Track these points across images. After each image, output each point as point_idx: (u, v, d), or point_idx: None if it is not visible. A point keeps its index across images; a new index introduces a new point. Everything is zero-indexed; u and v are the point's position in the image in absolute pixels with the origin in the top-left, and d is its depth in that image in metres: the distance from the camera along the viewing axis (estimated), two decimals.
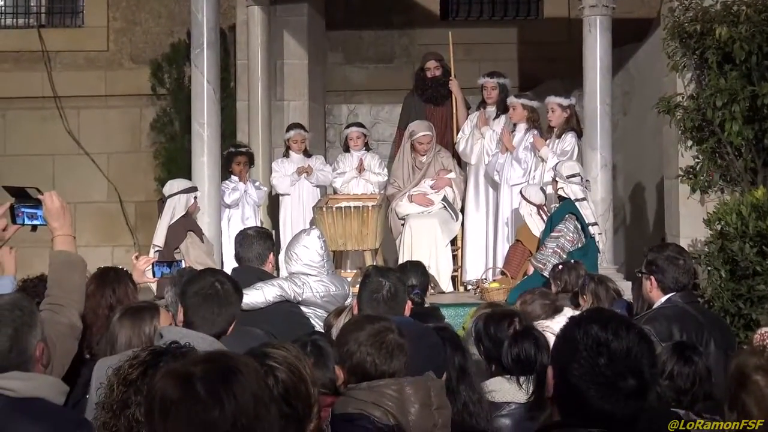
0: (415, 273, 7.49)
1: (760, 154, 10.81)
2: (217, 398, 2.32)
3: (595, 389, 2.82)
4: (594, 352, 2.84)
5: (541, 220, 10.67)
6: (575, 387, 2.84)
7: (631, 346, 2.85)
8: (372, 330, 3.84)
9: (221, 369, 2.38)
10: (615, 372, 2.82)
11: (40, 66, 15.10)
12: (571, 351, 2.87)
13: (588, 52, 11.33)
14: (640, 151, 13.49)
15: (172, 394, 2.35)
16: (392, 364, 3.80)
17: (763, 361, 3.67)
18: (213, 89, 11.06)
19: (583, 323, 2.91)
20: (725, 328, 6.53)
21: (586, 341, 2.85)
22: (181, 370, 2.39)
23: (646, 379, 2.85)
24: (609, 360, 2.83)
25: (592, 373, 2.82)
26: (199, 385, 2.34)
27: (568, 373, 2.86)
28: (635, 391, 2.83)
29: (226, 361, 2.41)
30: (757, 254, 9.52)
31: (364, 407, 3.67)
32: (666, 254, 6.15)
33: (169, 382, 2.37)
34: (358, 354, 3.81)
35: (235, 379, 2.36)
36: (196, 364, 2.39)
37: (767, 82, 10.55)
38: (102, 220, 15.06)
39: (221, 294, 4.69)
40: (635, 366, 2.84)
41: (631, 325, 2.92)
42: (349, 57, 15.31)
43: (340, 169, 12.25)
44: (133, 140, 15.19)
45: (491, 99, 12.11)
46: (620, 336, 2.86)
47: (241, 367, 2.39)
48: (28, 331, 3.75)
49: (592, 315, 2.99)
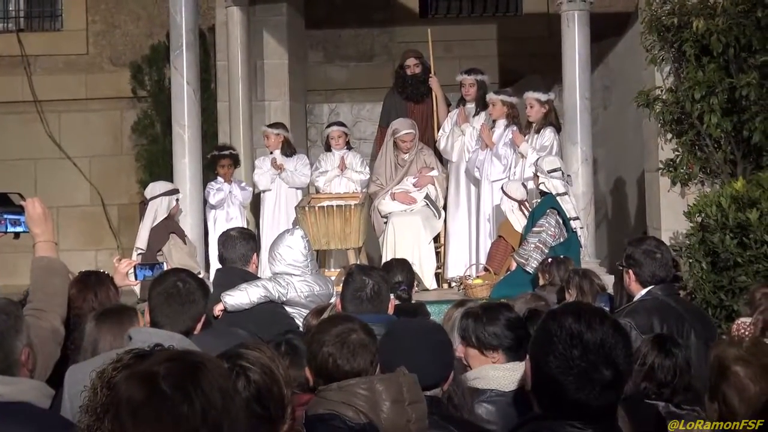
0: (400, 270, 7.53)
1: (739, 146, 10.86)
2: (184, 393, 2.33)
3: (571, 380, 2.86)
4: (568, 344, 2.88)
5: (522, 215, 10.70)
6: (552, 379, 2.89)
7: (605, 338, 2.89)
8: (335, 331, 3.87)
9: (185, 365, 2.38)
10: (589, 363, 2.86)
11: (20, 70, 15.09)
12: (547, 343, 2.92)
13: (566, 47, 11.37)
14: (620, 145, 13.53)
15: (137, 395, 2.35)
16: (355, 362, 3.81)
17: (743, 351, 3.70)
18: (193, 90, 11.06)
19: (558, 316, 2.96)
20: (706, 320, 6.57)
21: (561, 333, 2.90)
22: (144, 370, 2.39)
23: (620, 370, 2.89)
24: (583, 351, 2.87)
25: (567, 364, 2.87)
26: (164, 383, 2.34)
27: (544, 365, 2.91)
28: (610, 381, 2.87)
29: (189, 358, 2.41)
30: (737, 246, 9.56)
31: (336, 407, 3.69)
32: (643, 248, 6.19)
33: (133, 384, 2.37)
34: (320, 355, 3.83)
35: (201, 373, 2.36)
36: (159, 364, 2.39)
37: (745, 74, 10.59)
38: (85, 223, 15.06)
39: (183, 293, 4.72)
40: (610, 357, 2.88)
41: (605, 316, 2.96)
42: (329, 56, 15.32)
43: (321, 168, 12.26)
44: (115, 143, 15.19)
45: (470, 96, 12.14)
46: (594, 328, 2.90)
47: (205, 362, 2.40)
48: (14, 336, 3.76)
49: (567, 308, 3.04)
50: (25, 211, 4.74)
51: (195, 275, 5.01)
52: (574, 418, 2.87)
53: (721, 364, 3.69)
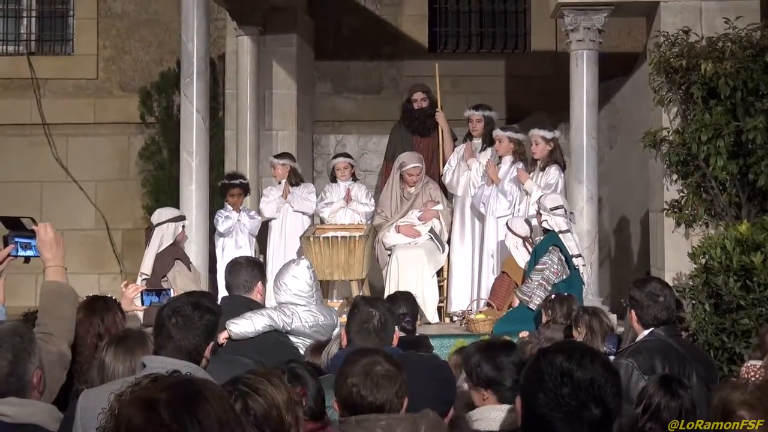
0: (405, 302, 7.55)
1: (745, 189, 10.89)
2: (181, 423, 2.34)
3: (560, 418, 2.87)
4: (558, 382, 2.90)
5: (526, 251, 10.72)
6: (541, 417, 2.90)
7: (595, 376, 2.91)
8: (362, 362, 3.89)
9: (185, 394, 2.39)
10: (579, 401, 2.88)
11: (30, 93, 15.16)
12: (537, 381, 2.93)
13: (575, 86, 11.42)
14: (625, 184, 13.56)
15: (137, 420, 2.37)
16: (379, 394, 3.83)
17: (747, 395, 3.71)
18: (202, 118, 11.10)
19: (549, 354, 2.98)
20: (708, 362, 6.57)
21: (551, 371, 2.92)
22: (146, 396, 2.41)
23: (610, 408, 2.91)
24: (573, 389, 2.89)
25: (557, 402, 2.88)
26: (164, 410, 2.35)
27: (534, 403, 2.92)
28: (599, 420, 2.88)
29: (191, 387, 2.42)
30: (740, 288, 9.56)
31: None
32: (647, 290, 6.20)
33: (134, 409, 2.39)
34: (345, 386, 3.85)
35: (199, 404, 2.38)
36: (162, 390, 2.41)
37: (752, 117, 10.64)
38: (89, 247, 15.07)
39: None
40: (599, 396, 2.89)
41: (595, 355, 2.98)
42: (338, 87, 15.38)
43: (327, 199, 12.30)
44: (121, 168, 15.23)
45: (477, 131, 12.18)
46: (584, 366, 2.92)
47: (206, 393, 2.41)
48: (26, 358, 3.79)
49: (558, 346, 3.06)
50: (37, 236, 4.77)
51: (195, 302, 4.95)
52: None
53: (725, 408, 3.70)
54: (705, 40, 10.94)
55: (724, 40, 10.86)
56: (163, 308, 4.69)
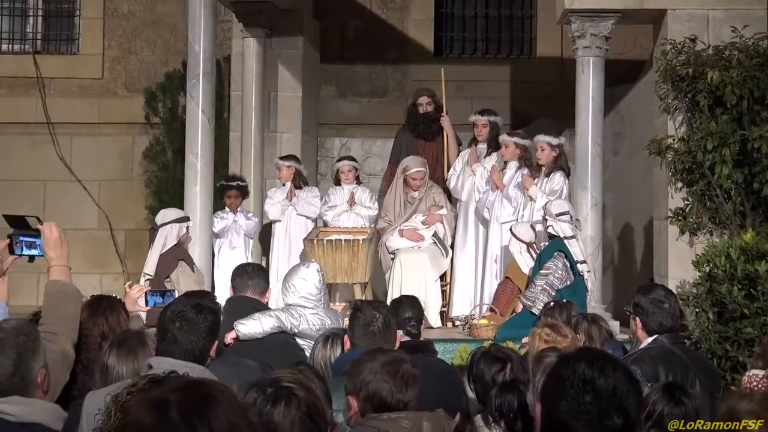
0: (410, 306, 7.54)
1: (749, 198, 10.88)
2: (190, 425, 2.33)
3: (581, 426, 2.85)
4: (580, 390, 2.88)
5: (530, 257, 10.71)
6: (562, 424, 2.88)
7: (617, 385, 2.89)
8: (386, 359, 3.89)
9: (197, 396, 2.38)
10: (600, 409, 2.86)
11: (35, 92, 15.16)
12: (559, 388, 2.91)
13: (580, 92, 11.41)
14: (629, 192, 13.55)
15: (146, 419, 2.36)
16: (407, 393, 3.84)
17: (754, 405, 3.69)
18: (207, 120, 11.08)
19: (571, 361, 2.96)
20: (711, 370, 6.56)
21: (573, 379, 2.90)
22: (157, 396, 2.40)
23: (631, 417, 2.89)
24: (595, 397, 2.87)
25: (578, 410, 2.86)
26: (174, 411, 2.34)
27: (555, 410, 2.90)
28: (620, 429, 2.87)
29: (203, 389, 2.41)
30: (745, 297, 9.56)
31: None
32: (652, 297, 6.18)
33: (144, 409, 2.38)
34: (374, 383, 3.84)
35: (210, 406, 2.36)
36: (174, 391, 2.40)
37: (757, 126, 10.64)
38: (91, 247, 15.07)
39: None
40: (621, 404, 2.88)
41: (618, 364, 2.97)
42: (343, 91, 15.38)
43: (331, 203, 12.29)
44: (125, 168, 15.23)
45: (482, 136, 12.17)
46: (606, 374, 2.90)
47: (218, 395, 2.40)
48: (31, 357, 3.78)
49: (581, 353, 3.04)
50: (42, 235, 4.75)
51: (199, 304, 4.95)
52: None
53: (732, 417, 3.68)
54: (712, 48, 10.95)
55: (730, 49, 10.86)
56: (166, 312, 4.69)
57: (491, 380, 5.05)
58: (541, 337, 6.12)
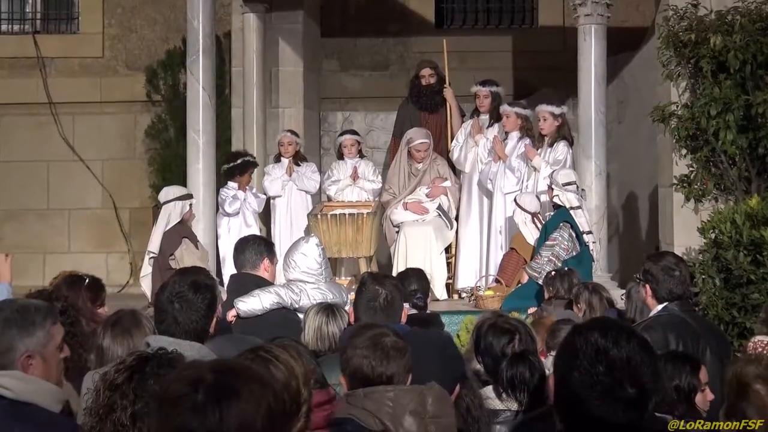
0: (417, 279, 7.53)
1: (754, 163, 10.84)
2: (203, 410, 2.36)
3: (594, 397, 2.81)
4: (593, 360, 2.83)
5: (535, 228, 10.69)
6: (575, 395, 2.84)
7: (631, 355, 2.84)
8: (369, 334, 3.88)
9: (224, 385, 2.40)
10: (614, 380, 2.81)
11: (36, 72, 15.11)
12: (572, 359, 2.87)
13: (582, 61, 11.35)
14: (634, 160, 13.50)
15: (175, 389, 2.40)
16: (389, 366, 3.81)
17: (762, 369, 3.68)
18: (208, 96, 11.06)
19: (584, 331, 2.91)
20: (721, 337, 6.55)
21: (586, 349, 2.85)
22: (196, 371, 2.43)
23: (646, 388, 2.84)
24: (608, 368, 2.82)
25: (591, 380, 2.81)
26: (202, 391, 2.37)
27: (568, 380, 2.86)
28: (635, 400, 2.81)
29: (233, 380, 2.43)
30: (751, 263, 9.53)
31: (356, 412, 3.69)
32: (662, 264, 6.15)
33: (180, 380, 2.42)
34: (355, 358, 3.83)
35: (231, 401, 2.38)
36: (212, 372, 2.43)
37: (761, 91, 10.58)
38: (96, 226, 15.06)
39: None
40: (635, 375, 2.82)
41: (632, 334, 2.91)
42: (344, 64, 15.32)
43: (334, 177, 12.27)
44: (128, 147, 15.19)
45: (484, 107, 12.14)
46: (620, 344, 2.85)
47: (243, 391, 2.41)
48: (14, 334, 3.70)
49: (594, 323, 2.99)
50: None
51: (194, 281, 4.90)
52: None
53: (740, 382, 3.66)
54: (714, 13, 10.87)
55: (733, 14, 10.78)
56: (163, 293, 4.67)
57: (500, 352, 5.02)
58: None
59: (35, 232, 14.92)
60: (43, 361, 3.74)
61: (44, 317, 3.77)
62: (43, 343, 3.73)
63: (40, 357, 3.73)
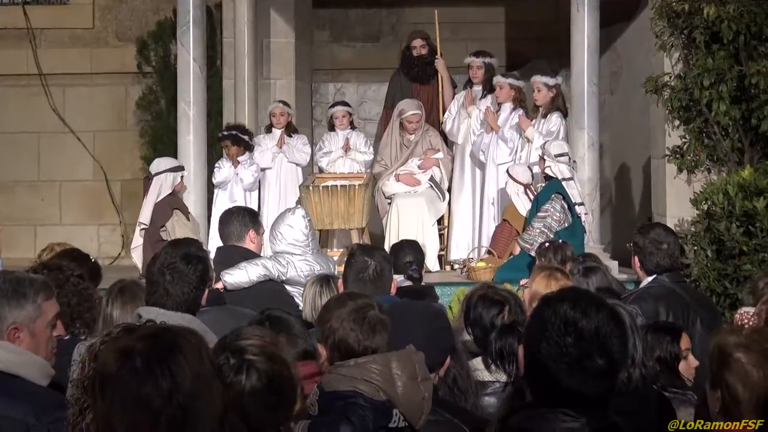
0: (411, 250, 7.53)
1: (747, 134, 10.82)
2: (151, 373, 2.32)
3: (563, 368, 2.79)
4: (562, 332, 2.81)
5: (528, 199, 10.67)
6: (544, 366, 2.82)
7: (600, 326, 2.82)
8: (354, 306, 3.85)
9: (161, 345, 2.37)
10: (583, 351, 2.79)
11: (25, 43, 14.99)
12: (541, 330, 2.85)
13: (575, 31, 11.30)
14: (626, 131, 13.47)
15: (111, 366, 2.35)
16: (375, 339, 3.81)
17: (743, 338, 3.67)
18: (199, 67, 11.01)
19: (554, 302, 2.88)
20: (712, 308, 6.55)
21: (555, 320, 2.83)
22: (124, 344, 2.39)
23: (615, 359, 2.82)
24: (577, 339, 2.80)
25: (560, 352, 2.80)
26: (138, 359, 2.34)
27: (537, 352, 2.84)
28: (604, 370, 2.80)
29: (169, 338, 2.40)
30: (743, 234, 9.53)
31: (355, 384, 3.67)
32: (650, 237, 6.15)
33: (110, 356, 2.38)
34: (340, 330, 3.81)
35: (174, 355, 2.35)
36: (140, 339, 2.39)
37: (754, 62, 10.55)
38: (88, 198, 15.00)
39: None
40: (604, 346, 2.80)
41: (601, 304, 2.88)
42: (336, 35, 15.24)
43: (325, 149, 12.22)
44: (119, 118, 15.11)
45: (477, 78, 12.09)
46: (589, 315, 2.83)
47: (182, 344, 2.38)
48: (3, 304, 3.67)
49: (564, 294, 2.96)
50: None
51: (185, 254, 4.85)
52: (567, 406, 2.81)
53: (721, 352, 3.66)
54: None
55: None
56: (154, 264, 4.65)
57: (490, 323, 5.02)
58: (543, 280, 6.05)
59: (26, 204, 14.86)
60: (30, 335, 3.70)
61: (36, 291, 3.73)
62: (32, 317, 3.70)
63: (28, 331, 3.70)
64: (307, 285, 6.07)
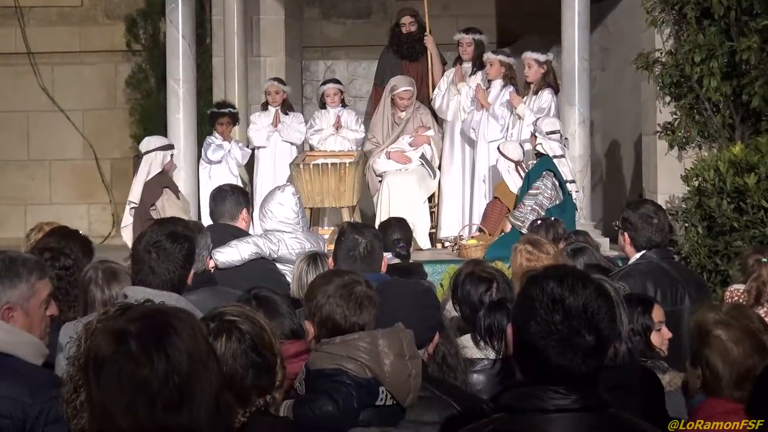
0: (399, 228, 7.53)
1: (738, 110, 10.81)
2: (148, 356, 2.30)
3: (552, 346, 2.78)
4: (550, 309, 2.80)
5: (518, 176, 10.65)
6: (533, 345, 2.81)
7: (588, 302, 2.81)
8: (340, 282, 3.84)
9: (156, 327, 2.35)
10: (571, 329, 2.78)
11: (13, 21, 14.91)
12: (529, 308, 2.83)
13: (566, 8, 11.27)
14: (617, 108, 13.46)
15: (105, 350, 2.33)
16: (362, 315, 3.80)
17: (723, 315, 3.69)
18: (188, 45, 10.97)
19: (540, 280, 2.87)
20: (701, 284, 6.55)
21: (542, 298, 2.81)
22: (117, 327, 2.37)
23: (604, 335, 2.81)
24: (565, 316, 2.79)
25: (548, 329, 2.78)
26: (133, 342, 2.31)
27: (525, 330, 2.83)
28: (593, 347, 2.79)
29: (162, 319, 2.38)
30: (734, 210, 9.54)
31: (340, 362, 3.66)
32: (641, 212, 6.15)
33: (103, 339, 2.36)
34: (327, 306, 3.80)
35: (169, 337, 2.33)
36: (133, 321, 2.37)
37: (745, 37, 10.53)
38: (77, 177, 14.96)
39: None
40: (592, 322, 2.80)
41: (588, 280, 2.87)
42: (326, 12, 15.19)
43: (316, 126, 12.19)
44: (108, 97, 15.05)
45: (467, 55, 12.05)
46: (577, 292, 2.81)
47: (177, 324, 2.36)
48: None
49: (550, 271, 2.95)
50: None
51: (172, 232, 4.84)
52: (557, 384, 2.80)
53: (701, 329, 3.68)
54: None
55: None
56: (140, 242, 4.63)
57: (478, 300, 5.02)
58: (522, 253, 6.09)
59: (16, 184, 14.81)
60: (24, 314, 3.71)
61: (30, 271, 3.74)
62: (26, 297, 3.70)
63: (22, 310, 3.71)
64: (296, 262, 6.07)
